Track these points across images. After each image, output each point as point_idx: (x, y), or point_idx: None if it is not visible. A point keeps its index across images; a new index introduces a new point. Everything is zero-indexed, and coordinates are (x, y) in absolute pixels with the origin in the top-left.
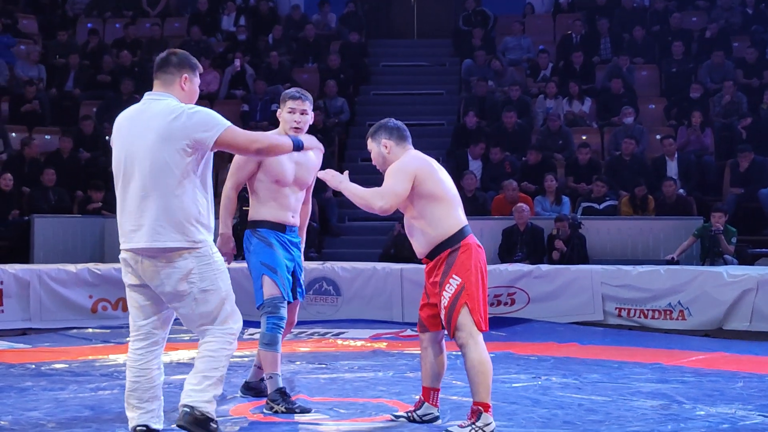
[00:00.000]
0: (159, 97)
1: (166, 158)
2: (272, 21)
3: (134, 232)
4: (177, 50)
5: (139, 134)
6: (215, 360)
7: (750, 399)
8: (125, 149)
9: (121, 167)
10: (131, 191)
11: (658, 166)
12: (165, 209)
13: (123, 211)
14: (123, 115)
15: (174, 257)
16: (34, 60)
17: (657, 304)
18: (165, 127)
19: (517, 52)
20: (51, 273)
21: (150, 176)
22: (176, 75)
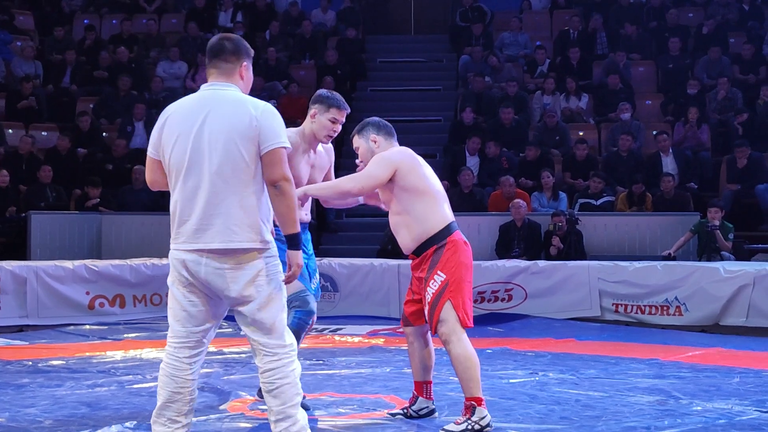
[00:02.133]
0: (223, 88)
1: (241, 154)
2: (269, 17)
3: (202, 232)
4: (229, 35)
5: (208, 127)
6: (292, 386)
7: (746, 394)
8: (190, 142)
9: (184, 161)
10: (198, 187)
11: (655, 162)
12: (240, 207)
13: (185, 208)
14: (180, 105)
15: (244, 259)
16: (31, 56)
17: (654, 299)
18: (240, 121)
19: (514, 48)
20: (48, 270)
21: (224, 172)
22: (236, 63)
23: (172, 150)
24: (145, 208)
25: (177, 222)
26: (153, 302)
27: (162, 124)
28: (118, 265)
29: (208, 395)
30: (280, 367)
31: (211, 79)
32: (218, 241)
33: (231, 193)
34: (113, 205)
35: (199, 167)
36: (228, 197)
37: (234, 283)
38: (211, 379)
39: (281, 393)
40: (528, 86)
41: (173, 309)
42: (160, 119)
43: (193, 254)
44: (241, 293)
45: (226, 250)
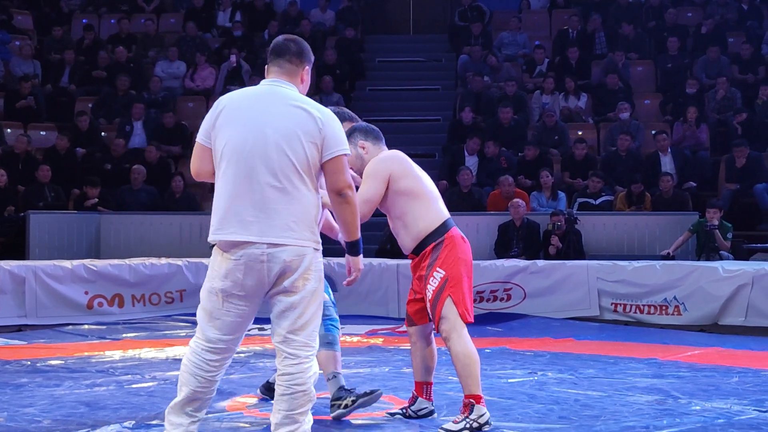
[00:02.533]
0: (284, 86)
1: (306, 152)
2: (268, 17)
3: (255, 224)
4: (295, 37)
5: (271, 121)
6: (305, 393)
7: (745, 394)
8: (251, 134)
9: (243, 152)
10: (257, 180)
11: (654, 161)
12: (300, 204)
13: (241, 198)
14: (239, 95)
15: (298, 255)
16: (29, 56)
17: (653, 299)
18: (305, 122)
19: (513, 48)
20: (47, 269)
21: (288, 167)
22: (299, 66)
23: (228, 139)
24: (143, 208)
25: (227, 210)
26: (152, 302)
27: (218, 112)
28: (117, 264)
29: None
30: (299, 373)
31: (272, 76)
32: (275, 236)
33: (294, 189)
34: (112, 205)
35: (259, 160)
36: (292, 193)
37: (286, 276)
38: None
39: (294, 399)
40: (527, 86)
41: (208, 313)
42: (216, 107)
43: (246, 245)
44: (290, 286)
45: (283, 245)
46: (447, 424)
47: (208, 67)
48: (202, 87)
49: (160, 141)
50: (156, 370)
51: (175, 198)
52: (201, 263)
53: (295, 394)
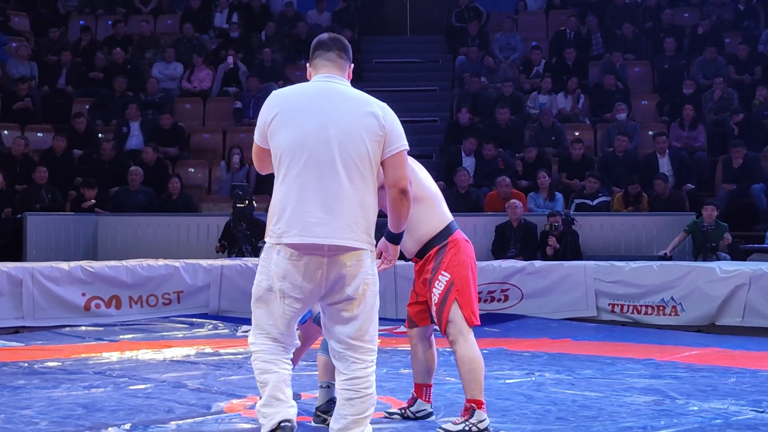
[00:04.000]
0: (340, 81)
1: (368, 152)
2: (265, 18)
3: (321, 226)
4: (336, 35)
5: (333, 120)
6: (372, 396)
7: (742, 394)
8: (312, 132)
9: (304, 150)
10: (320, 179)
11: (651, 162)
12: (361, 205)
13: (303, 200)
14: (294, 91)
15: (358, 259)
16: (26, 57)
17: (650, 299)
18: (368, 120)
19: (507, 52)
20: (44, 271)
21: (350, 168)
22: (347, 62)
23: (287, 140)
24: (141, 210)
25: (290, 213)
26: (149, 303)
27: (271, 110)
28: (114, 266)
29: (205, 396)
30: (367, 377)
31: (324, 71)
32: (338, 237)
33: (354, 190)
34: (109, 207)
35: (323, 159)
36: (351, 194)
37: (347, 281)
38: (207, 380)
39: (361, 403)
40: (524, 86)
41: (266, 313)
42: (269, 107)
43: (308, 248)
44: (353, 292)
45: (345, 247)
46: (446, 425)
47: (205, 69)
48: (199, 88)
49: (158, 142)
50: (153, 371)
51: (173, 199)
52: (198, 265)
53: (364, 398)
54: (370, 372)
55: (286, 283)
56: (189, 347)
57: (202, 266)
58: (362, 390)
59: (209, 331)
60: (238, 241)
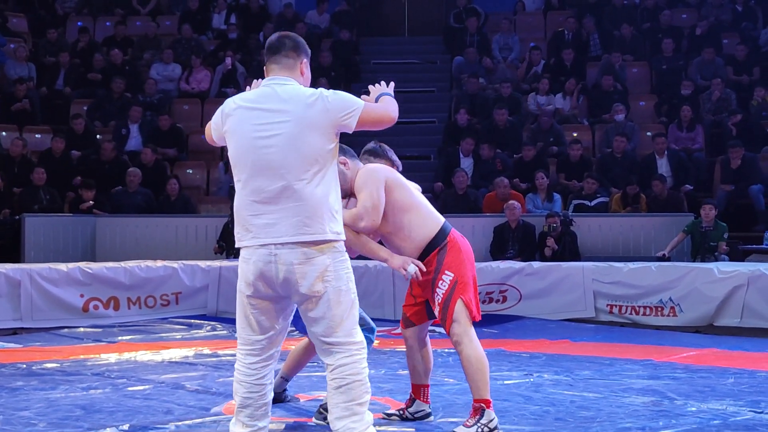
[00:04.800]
0: (284, 82)
1: (309, 145)
2: (263, 19)
3: (271, 226)
4: (288, 33)
5: (271, 120)
6: (362, 384)
7: (741, 395)
8: (255, 138)
9: (248, 156)
10: (266, 182)
11: (649, 163)
12: (310, 200)
13: (252, 204)
14: (241, 99)
15: (313, 253)
16: (24, 58)
17: (648, 300)
18: (304, 112)
19: (505, 53)
20: (42, 272)
21: (292, 165)
22: (296, 60)
23: (234, 148)
24: (139, 211)
25: (243, 219)
26: (147, 305)
27: (221, 119)
28: (113, 267)
29: (204, 397)
30: (353, 363)
31: (271, 74)
32: (290, 235)
33: (302, 187)
34: (107, 208)
35: (264, 162)
36: (300, 190)
37: (304, 278)
38: (206, 381)
39: (350, 389)
40: (522, 87)
41: (239, 316)
42: (219, 113)
43: (264, 250)
44: (310, 289)
45: (297, 243)
46: (458, 428)
47: (204, 70)
48: (198, 89)
49: (156, 143)
50: (152, 372)
51: (171, 200)
52: (196, 266)
53: (351, 384)
54: (357, 359)
55: (245, 285)
56: (187, 348)
57: (200, 267)
58: (348, 377)
59: (208, 332)
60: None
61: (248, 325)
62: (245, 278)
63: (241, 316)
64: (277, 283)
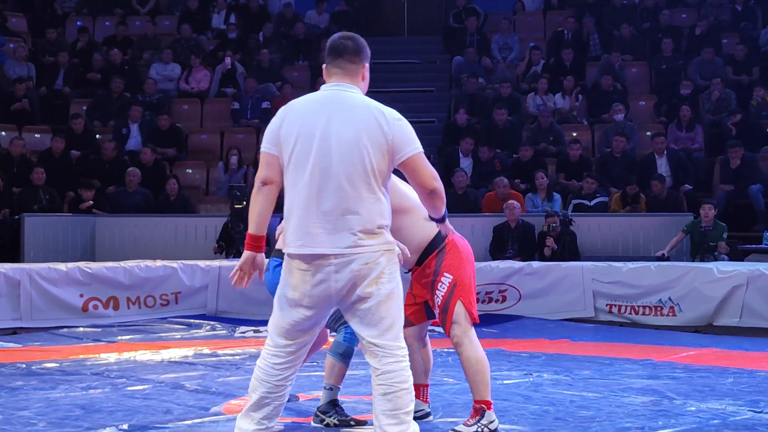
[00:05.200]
0: (347, 89)
1: (372, 159)
2: (262, 19)
3: (323, 236)
4: (351, 35)
5: (336, 130)
6: (409, 392)
7: (740, 394)
8: (316, 142)
9: (308, 162)
10: (325, 190)
11: (648, 163)
12: (367, 211)
13: (309, 210)
14: (302, 103)
15: (372, 256)
16: (24, 58)
17: (647, 300)
18: (372, 126)
19: (504, 52)
20: (42, 272)
21: (354, 175)
22: (359, 65)
23: (293, 148)
24: (138, 211)
25: (295, 223)
26: (147, 304)
27: (281, 120)
28: (112, 267)
29: (203, 397)
30: (400, 371)
31: (334, 79)
32: (340, 246)
33: (360, 198)
34: (107, 208)
35: (325, 169)
36: (358, 201)
37: (357, 285)
38: (205, 380)
39: (397, 397)
40: (521, 87)
41: (275, 318)
42: (279, 115)
43: (314, 257)
44: (364, 291)
45: (348, 255)
46: (459, 426)
47: (203, 69)
48: (197, 89)
49: (155, 143)
50: (151, 372)
51: (170, 200)
52: (196, 265)
53: (399, 392)
54: (403, 366)
55: (297, 292)
56: (187, 348)
57: (199, 267)
58: (396, 384)
59: (207, 332)
60: (236, 242)
61: (283, 329)
62: (295, 285)
63: (277, 317)
64: (333, 290)
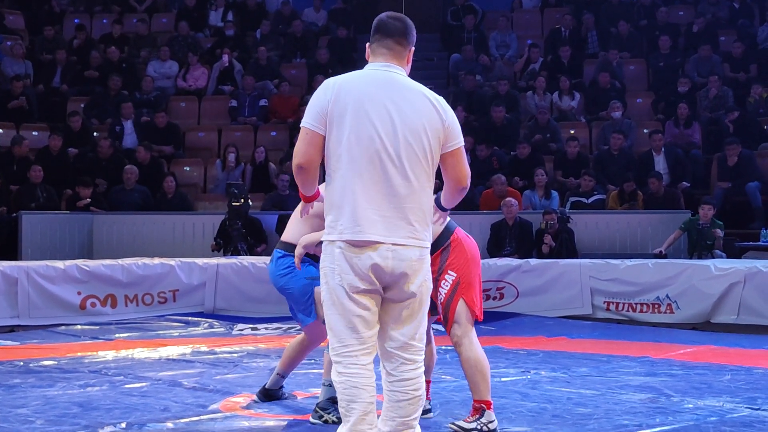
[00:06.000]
0: (398, 71)
1: (431, 145)
2: (260, 16)
3: (381, 223)
4: (400, 15)
5: (399, 113)
6: (421, 398)
7: (737, 391)
8: (382, 124)
9: (373, 143)
10: (387, 176)
11: (646, 160)
12: (422, 202)
13: (367, 196)
14: (353, 81)
15: (424, 253)
16: (21, 56)
17: (645, 297)
18: (431, 112)
19: (502, 50)
20: (39, 270)
21: (416, 162)
22: (406, 47)
23: (348, 128)
24: (136, 208)
25: (352, 209)
26: (144, 302)
27: (332, 96)
28: (110, 265)
29: (201, 395)
30: (418, 378)
31: (380, 59)
32: (400, 236)
33: (418, 187)
34: (104, 205)
35: (388, 154)
36: (415, 191)
37: (410, 279)
38: (203, 378)
39: (410, 405)
40: (519, 84)
41: (340, 322)
42: (326, 90)
43: (382, 245)
44: (416, 289)
45: (408, 246)
46: (459, 422)
47: (201, 67)
48: (195, 87)
49: (153, 141)
50: (149, 370)
51: (168, 198)
52: (194, 263)
53: (413, 400)
54: (419, 373)
55: (355, 279)
56: (185, 346)
57: (197, 265)
58: (411, 392)
59: (205, 329)
60: (234, 240)
61: (355, 326)
62: (358, 272)
63: (344, 315)
64: (385, 277)
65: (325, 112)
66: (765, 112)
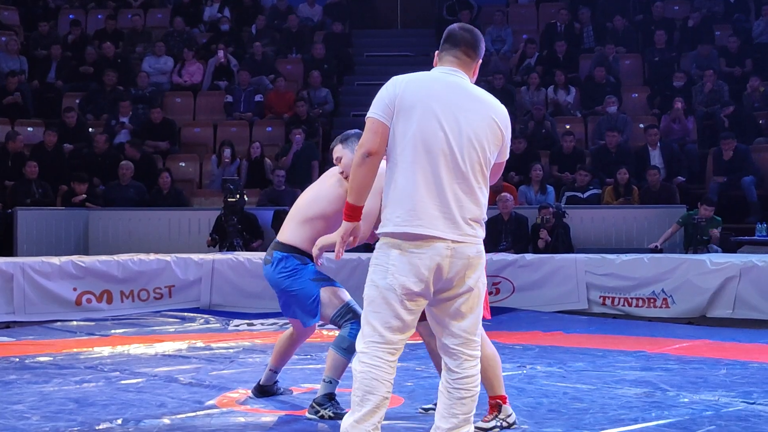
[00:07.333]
0: (465, 78)
1: (489, 153)
2: (255, 11)
3: (441, 220)
4: (470, 27)
5: (466, 116)
6: (478, 394)
7: (733, 386)
8: (449, 124)
9: (438, 142)
10: (449, 175)
11: (642, 155)
12: (480, 203)
13: (429, 191)
14: (422, 79)
15: (481, 248)
16: (16, 52)
17: (641, 292)
18: (493, 121)
19: (498, 44)
20: (35, 266)
21: (476, 164)
22: (474, 59)
23: (414, 124)
24: (132, 204)
25: (413, 203)
26: (140, 298)
27: (400, 90)
28: (105, 260)
29: (197, 390)
30: (477, 374)
31: (447, 64)
32: (460, 233)
33: (476, 188)
34: (100, 201)
35: (453, 154)
36: (473, 191)
37: (468, 273)
38: (199, 374)
39: (471, 401)
40: (515, 79)
41: (381, 314)
42: (395, 85)
43: (442, 242)
44: (474, 284)
45: (466, 242)
46: (478, 423)
47: (196, 63)
48: (190, 82)
49: (148, 136)
50: (145, 366)
51: (163, 194)
52: (189, 259)
53: (474, 396)
54: (478, 370)
55: (407, 278)
56: (181, 341)
57: (193, 260)
58: (473, 389)
59: (201, 325)
60: (230, 235)
61: (394, 324)
62: (416, 273)
63: (386, 314)
64: (444, 276)
65: (393, 105)
66: (760, 107)
